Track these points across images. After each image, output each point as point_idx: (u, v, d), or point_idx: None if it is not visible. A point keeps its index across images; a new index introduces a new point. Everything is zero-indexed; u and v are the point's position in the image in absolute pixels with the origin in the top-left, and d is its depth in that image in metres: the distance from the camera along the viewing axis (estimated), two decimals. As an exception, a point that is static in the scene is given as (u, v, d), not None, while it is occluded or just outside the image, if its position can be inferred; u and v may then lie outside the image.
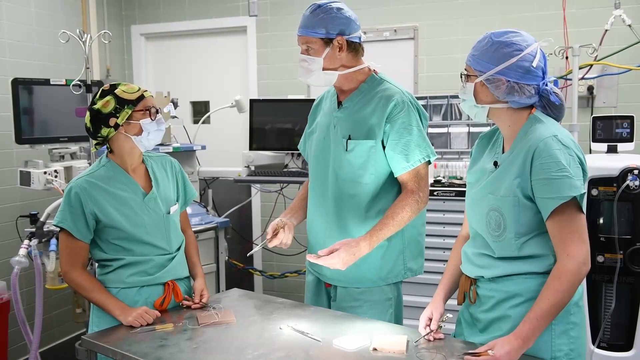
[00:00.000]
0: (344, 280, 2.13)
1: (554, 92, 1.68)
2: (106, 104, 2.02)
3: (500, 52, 1.64)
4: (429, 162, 2.09)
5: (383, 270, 2.11)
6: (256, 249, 2.16)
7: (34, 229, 2.97)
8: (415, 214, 2.04)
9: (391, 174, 2.10)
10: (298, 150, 2.46)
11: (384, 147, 2.07)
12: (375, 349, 1.71)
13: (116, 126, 2.02)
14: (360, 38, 2.09)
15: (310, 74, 2.09)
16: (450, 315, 1.78)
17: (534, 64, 1.63)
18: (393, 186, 2.11)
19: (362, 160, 2.08)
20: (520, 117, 1.69)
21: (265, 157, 3.80)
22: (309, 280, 2.31)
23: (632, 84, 3.64)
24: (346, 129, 2.12)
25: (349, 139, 2.09)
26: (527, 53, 1.63)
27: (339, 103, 2.16)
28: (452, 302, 1.88)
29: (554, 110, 1.69)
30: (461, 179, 3.41)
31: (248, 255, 2.21)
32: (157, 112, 2.08)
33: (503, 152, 1.74)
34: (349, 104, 2.14)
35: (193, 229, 2.40)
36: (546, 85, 1.67)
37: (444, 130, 3.65)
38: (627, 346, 2.86)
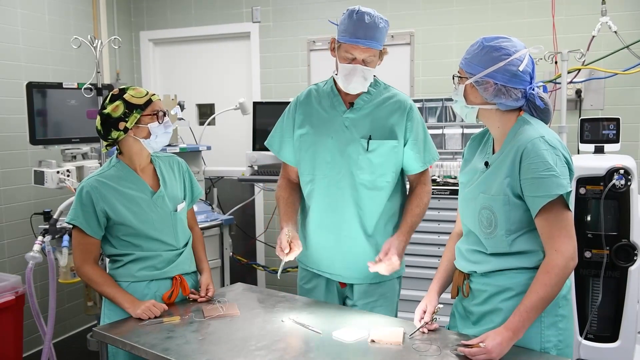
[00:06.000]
0: (366, 278, 2.16)
1: (539, 96, 1.70)
2: (115, 109, 2.04)
3: (489, 56, 1.66)
4: None
5: None
6: (281, 269, 2.11)
7: (47, 226, 3.01)
8: (427, 205, 2.19)
9: (401, 172, 2.18)
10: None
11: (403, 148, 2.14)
12: (373, 341, 1.75)
13: (125, 130, 2.05)
14: None
15: (365, 83, 2.07)
16: (442, 306, 1.83)
17: (521, 69, 1.64)
18: (400, 184, 2.21)
19: (383, 159, 2.10)
20: (509, 119, 1.71)
21: (268, 157, 3.75)
22: (316, 285, 2.26)
23: (618, 88, 3.68)
24: (363, 129, 2.11)
25: (370, 139, 2.10)
26: (515, 58, 1.65)
27: (350, 104, 2.14)
28: (446, 296, 1.92)
29: (540, 113, 1.71)
30: (455, 178, 3.40)
31: (279, 275, 2.17)
32: (164, 115, 2.10)
33: (493, 153, 1.77)
34: (361, 104, 2.13)
35: (199, 226, 2.41)
36: (533, 89, 1.69)
37: (439, 131, 3.65)
38: (612, 337, 2.90)
